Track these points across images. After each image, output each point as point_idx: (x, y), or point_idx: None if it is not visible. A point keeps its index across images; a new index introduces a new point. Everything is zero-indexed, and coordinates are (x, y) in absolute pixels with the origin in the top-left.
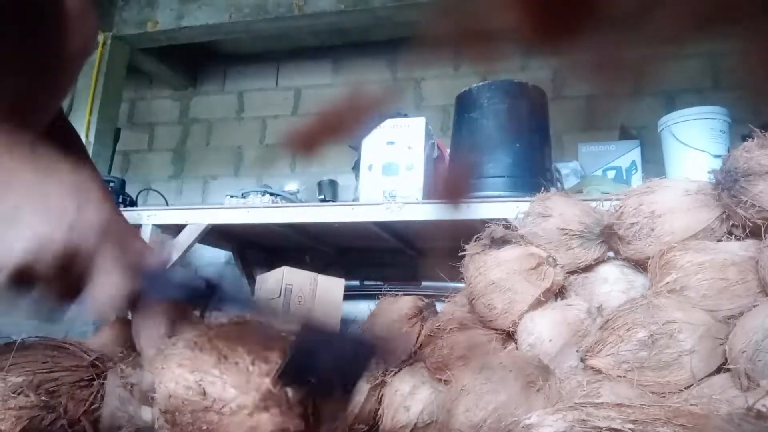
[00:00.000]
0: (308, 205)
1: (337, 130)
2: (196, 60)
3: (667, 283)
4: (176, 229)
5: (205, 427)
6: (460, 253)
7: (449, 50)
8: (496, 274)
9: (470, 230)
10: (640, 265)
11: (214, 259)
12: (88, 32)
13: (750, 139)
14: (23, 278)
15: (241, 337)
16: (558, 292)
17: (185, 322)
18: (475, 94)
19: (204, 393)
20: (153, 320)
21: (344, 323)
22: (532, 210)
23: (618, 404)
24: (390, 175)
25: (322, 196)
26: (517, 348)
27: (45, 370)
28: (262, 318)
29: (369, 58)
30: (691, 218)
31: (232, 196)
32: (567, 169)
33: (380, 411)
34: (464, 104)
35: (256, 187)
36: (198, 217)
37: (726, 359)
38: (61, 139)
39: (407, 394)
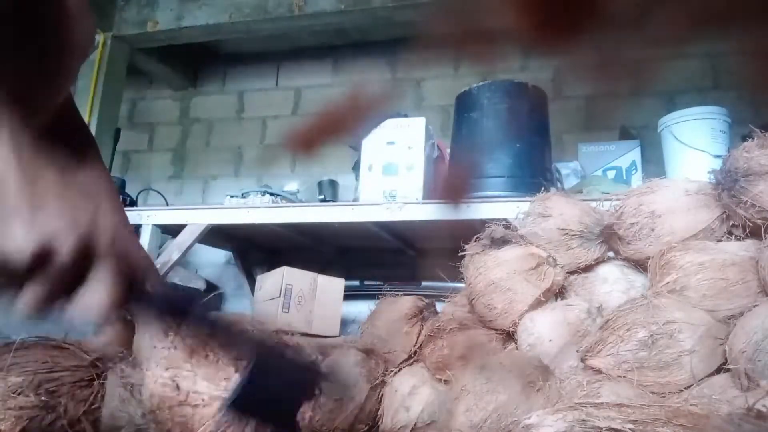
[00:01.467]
0: (308, 205)
1: (337, 130)
2: (196, 60)
3: (667, 283)
4: (176, 229)
5: (181, 421)
6: (460, 253)
7: (449, 50)
8: (496, 274)
9: (470, 230)
10: (640, 265)
11: (214, 259)
12: (87, 32)
13: (750, 139)
14: (31, 267)
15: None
16: (558, 292)
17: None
18: (475, 94)
19: (178, 388)
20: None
21: (344, 323)
22: (532, 210)
23: (618, 404)
24: (390, 175)
25: (322, 196)
26: (517, 348)
27: (45, 370)
28: (223, 338)
29: (369, 58)
30: (691, 218)
31: (232, 196)
32: (567, 169)
33: (380, 411)
34: (464, 104)
35: (256, 187)
36: (198, 217)
37: (726, 359)
38: (70, 136)
39: (407, 394)
